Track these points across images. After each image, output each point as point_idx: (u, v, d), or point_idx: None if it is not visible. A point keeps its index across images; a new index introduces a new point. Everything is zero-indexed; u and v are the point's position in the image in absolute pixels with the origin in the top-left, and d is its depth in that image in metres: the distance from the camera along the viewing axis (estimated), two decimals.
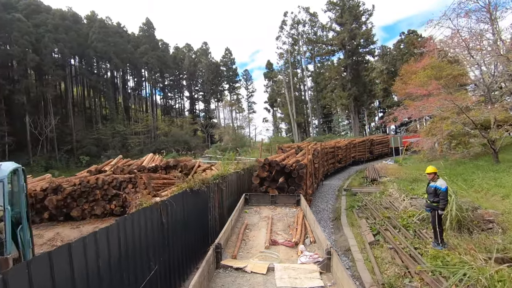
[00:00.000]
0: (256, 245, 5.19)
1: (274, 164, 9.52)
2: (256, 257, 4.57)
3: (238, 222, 6.59)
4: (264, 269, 3.96)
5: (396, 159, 27.76)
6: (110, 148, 51.19)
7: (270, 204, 8.16)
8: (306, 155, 11.74)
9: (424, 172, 16.94)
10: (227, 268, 4.12)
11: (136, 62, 60.34)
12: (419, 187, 12.99)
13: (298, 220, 6.30)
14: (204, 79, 78.60)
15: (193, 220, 6.64)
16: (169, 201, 5.19)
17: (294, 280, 3.68)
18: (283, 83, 49.98)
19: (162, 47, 75.35)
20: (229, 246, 5.14)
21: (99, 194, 10.75)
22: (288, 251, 4.93)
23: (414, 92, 16.61)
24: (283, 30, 51.82)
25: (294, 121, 41.13)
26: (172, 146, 58.28)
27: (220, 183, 8.41)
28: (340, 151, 23.42)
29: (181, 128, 65.32)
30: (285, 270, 3.95)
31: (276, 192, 9.13)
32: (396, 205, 9.86)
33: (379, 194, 12.12)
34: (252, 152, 30.97)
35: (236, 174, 10.63)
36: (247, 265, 4.09)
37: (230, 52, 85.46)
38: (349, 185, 17.74)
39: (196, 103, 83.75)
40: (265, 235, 5.57)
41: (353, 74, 45.64)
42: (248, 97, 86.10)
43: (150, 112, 68.43)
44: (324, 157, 18.34)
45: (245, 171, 11.90)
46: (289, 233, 5.75)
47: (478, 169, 14.27)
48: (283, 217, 7.02)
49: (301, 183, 9.31)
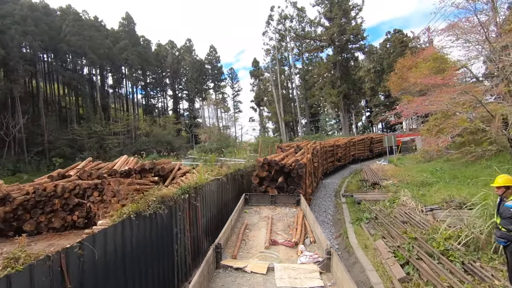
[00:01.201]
0: (256, 245, 5.18)
1: (273, 164, 9.33)
2: (256, 257, 4.58)
3: (238, 222, 6.56)
4: (264, 269, 3.96)
5: (390, 159, 26.29)
6: (86, 150, 47.97)
7: (270, 204, 8.10)
8: (305, 154, 11.33)
9: (428, 175, 15.27)
10: (227, 268, 4.10)
11: (114, 59, 56.98)
12: (430, 192, 11.19)
13: (298, 220, 6.28)
14: (188, 77, 75.75)
15: (147, 256, 4.47)
16: (87, 244, 2.97)
17: (294, 280, 3.66)
18: (270, 80, 47.96)
19: (143, 43, 72.07)
20: (229, 246, 5.13)
21: (58, 204, 9.06)
22: (288, 251, 4.92)
23: (424, 83, 14.84)
24: (269, 26, 49.86)
25: (281, 120, 39.26)
26: (154, 147, 55.47)
27: (192, 197, 6.23)
28: (339, 150, 23.06)
29: (163, 128, 62.51)
30: (285, 270, 3.95)
31: (276, 192, 9.00)
32: (417, 219, 7.91)
33: (388, 202, 10.19)
34: (238, 153, 29.10)
35: (217, 182, 8.48)
36: (247, 265, 4.09)
37: (215, 49, 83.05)
38: (347, 189, 15.85)
39: (180, 102, 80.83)
40: (265, 235, 5.56)
41: (342, 71, 44.10)
42: (234, 96, 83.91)
43: (131, 111, 65.15)
44: (323, 156, 17.95)
45: (229, 178, 9.75)
46: (289, 233, 5.75)
47: (493, 170, 12.61)
48: (283, 217, 7.01)
49: (300, 182, 9.14)
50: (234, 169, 11.12)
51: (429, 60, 17.12)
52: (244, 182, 11.80)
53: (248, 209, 7.81)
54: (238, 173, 10.98)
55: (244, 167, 12.13)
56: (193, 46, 79.32)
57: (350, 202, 12.14)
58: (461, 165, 15.86)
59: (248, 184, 12.62)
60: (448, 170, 15.33)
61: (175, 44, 78.69)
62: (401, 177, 16.29)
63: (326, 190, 16.44)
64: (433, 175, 15.25)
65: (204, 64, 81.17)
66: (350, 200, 12.60)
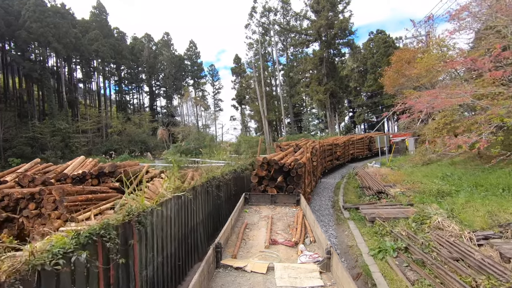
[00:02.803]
0: (256, 245, 5.16)
1: (272, 163, 9.24)
2: (256, 257, 4.57)
3: (238, 221, 6.53)
4: (264, 269, 3.95)
5: (382, 161, 24.20)
6: (49, 149, 43.40)
7: (270, 204, 8.11)
8: (304, 153, 11.12)
9: (438, 181, 12.94)
10: (227, 268, 4.09)
11: (83, 50, 52.30)
12: (458, 207, 8.77)
13: (298, 220, 6.24)
14: (166, 73, 71.66)
15: None
16: None
17: (294, 279, 3.66)
18: (253, 77, 45.10)
19: (117, 36, 67.42)
20: (229, 245, 5.12)
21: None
22: (288, 250, 4.89)
23: (449, 67, 12.41)
24: (252, 18, 46.93)
25: (265, 118, 36.62)
26: (127, 146, 51.45)
27: (138, 228, 3.34)
28: (338, 149, 23.00)
29: (139, 126, 58.39)
30: (285, 270, 3.93)
31: (275, 191, 8.97)
32: (477, 256, 5.32)
33: (414, 223, 7.61)
34: (217, 154, 26.16)
35: (177, 201, 5.60)
36: (247, 265, 4.07)
37: (195, 45, 79.47)
38: (346, 199, 13.29)
39: (157, 99, 76.52)
40: (265, 235, 5.55)
41: (329, 68, 41.92)
42: (215, 94, 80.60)
43: (103, 108, 60.42)
44: (322, 155, 17.86)
45: (198, 192, 6.89)
46: (289, 233, 5.73)
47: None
48: (283, 216, 6.97)
49: (300, 182, 9.12)
50: (207, 176, 8.23)
51: (435, 49, 14.93)
52: (222, 196, 8.94)
53: (248, 209, 7.70)
54: (212, 182, 8.09)
55: (222, 173, 9.26)
56: (171, 40, 75.41)
57: (357, 219, 9.51)
58: (476, 169, 13.72)
59: (230, 198, 9.82)
60: (463, 175, 13.09)
61: (152, 37, 74.38)
62: (406, 183, 13.96)
63: (323, 196, 13.83)
64: (445, 181, 12.98)
65: (183, 60, 77.31)
66: (356, 215, 9.98)
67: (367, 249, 6.98)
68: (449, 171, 14.83)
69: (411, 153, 27.17)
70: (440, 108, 11.72)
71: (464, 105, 12.21)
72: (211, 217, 7.92)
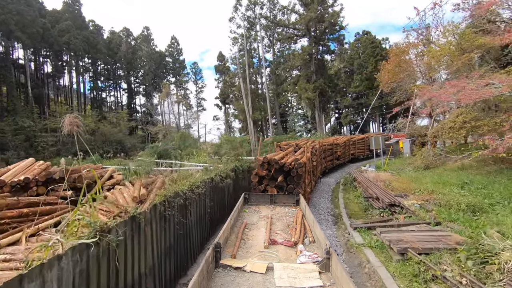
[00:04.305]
0: (255, 245, 5.13)
1: (273, 163, 9.12)
2: (255, 257, 4.54)
3: (238, 221, 6.40)
4: (264, 269, 3.92)
5: (378, 165, 22.20)
6: (11, 149, 39.26)
7: (270, 204, 8.02)
8: (304, 153, 11.12)
9: (457, 189, 10.58)
10: (226, 268, 4.06)
11: (53, 41, 48.05)
12: (509, 228, 6.53)
13: (298, 220, 6.21)
14: (146, 69, 67.83)
15: None
16: None
17: (293, 279, 3.64)
18: (237, 73, 42.37)
19: (93, 29, 63.16)
20: (228, 245, 5.05)
21: None
22: (287, 250, 4.86)
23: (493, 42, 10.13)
24: (237, 11, 44.18)
25: (250, 118, 34.03)
26: (101, 147, 47.61)
27: None
28: (338, 148, 23.00)
29: (115, 125, 54.52)
30: (284, 270, 3.90)
31: (275, 191, 8.93)
32: None
33: (470, 261, 5.21)
34: (197, 156, 23.47)
35: (130, 223, 2.88)
36: (246, 265, 4.05)
37: (177, 41, 76.01)
38: (349, 212, 10.90)
39: (135, 97, 72.48)
40: (264, 235, 5.50)
41: (318, 65, 39.78)
42: (198, 93, 77.34)
43: (74, 105, 56.11)
44: (322, 155, 18.05)
45: (156, 212, 4.21)
46: (289, 233, 5.69)
47: None
48: (282, 216, 6.94)
49: (300, 181, 9.03)
50: (167, 192, 5.56)
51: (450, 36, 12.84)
52: (192, 218, 6.31)
53: (248, 209, 7.58)
54: (174, 202, 5.42)
55: (191, 186, 6.61)
56: (151, 35, 71.62)
57: (376, 246, 7.05)
58: (499, 176, 11.69)
59: (203, 219, 7.22)
60: (488, 184, 10.98)
61: (131, 32, 70.27)
62: (419, 192, 11.75)
63: (322, 207, 11.38)
64: (467, 190, 10.84)
65: (164, 57, 73.67)
66: (371, 238, 7.54)
67: None
68: (464, 177, 12.75)
69: (406, 155, 25.45)
70: (468, 102, 9.52)
71: (489, 99, 10.08)
72: (170, 255, 5.24)
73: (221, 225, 6.36)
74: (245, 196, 8.05)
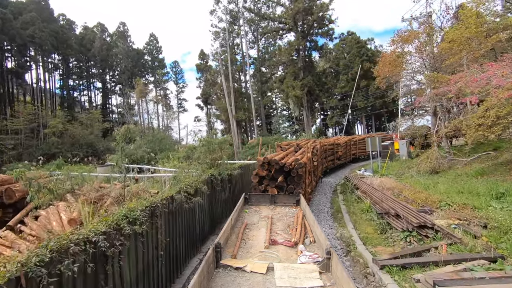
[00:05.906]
0: (256, 245, 5.08)
1: (273, 163, 9.14)
2: (255, 257, 4.50)
3: (238, 221, 6.41)
4: (264, 269, 3.87)
5: (375, 168, 19.98)
6: None
7: (270, 204, 7.95)
8: (305, 154, 11.03)
9: (487, 199, 8.39)
10: (226, 268, 4.01)
11: (14, 34, 43.55)
12: None
13: (298, 220, 6.15)
14: (122, 67, 63.65)
15: None
16: None
17: (294, 279, 3.59)
18: (219, 71, 39.41)
19: (64, 23, 58.62)
20: (228, 245, 5.01)
21: None
22: (287, 250, 4.82)
23: None
24: (219, 4, 41.25)
25: (233, 118, 31.30)
26: (69, 150, 43.46)
27: None
28: (339, 148, 23.08)
29: (86, 126, 50.26)
30: (285, 270, 3.85)
31: (276, 191, 8.90)
32: None
33: None
34: (173, 160, 20.30)
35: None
36: (246, 265, 3.99)
37: (155, 38, 72.19)
38: (361, 234, 8.31)
39: (111, 97, 68.01)
40: (264, 235, 5.47)
41: (305, 61, 37.42)
42: (178, 93, 73.57)
43: (38, 104, 51.32)
44: (323, 155, 18.19)
45: None
46: (289, 233, 5.65)
47: None
48: (282, 216, 6.89)
49: (300, 182, 8.97)
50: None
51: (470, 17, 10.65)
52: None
53: (248, 209, 7.54)
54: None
55: (116, 222, 3.72)
56: (128, 31, 67.47)
57: None
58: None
59: None
60: None
61: (106, 27, 65.94)
62: (444, 206, 9.32)
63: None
64: (507, 202, 8.51)
65: (142, 54, 69.71)
66: (408, 285, 4.95)
67: None
68: (492, 185, 10.47)
69: (402, 158, 23.42)
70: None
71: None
72: None
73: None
74: (245, 196, 7.96)
